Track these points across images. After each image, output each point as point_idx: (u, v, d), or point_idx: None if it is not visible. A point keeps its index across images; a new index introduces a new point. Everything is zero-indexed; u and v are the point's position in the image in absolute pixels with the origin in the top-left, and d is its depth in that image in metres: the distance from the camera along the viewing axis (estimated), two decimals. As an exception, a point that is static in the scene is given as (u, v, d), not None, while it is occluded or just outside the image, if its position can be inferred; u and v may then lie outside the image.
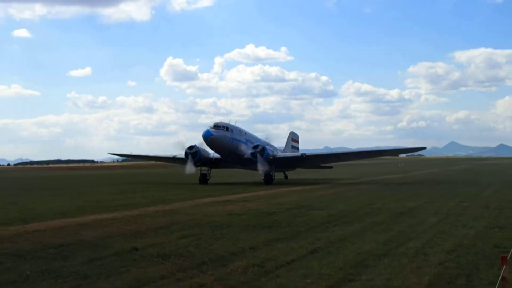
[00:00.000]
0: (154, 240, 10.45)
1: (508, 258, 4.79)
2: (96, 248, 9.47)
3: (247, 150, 32.57)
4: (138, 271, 7.25)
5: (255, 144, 33.30)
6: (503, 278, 4.56)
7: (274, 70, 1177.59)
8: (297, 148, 47.20)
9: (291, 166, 39.18)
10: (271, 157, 32.33)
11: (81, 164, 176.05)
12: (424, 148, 39.39)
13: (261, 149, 31.59)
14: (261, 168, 31.43)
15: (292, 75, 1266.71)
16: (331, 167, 48.84)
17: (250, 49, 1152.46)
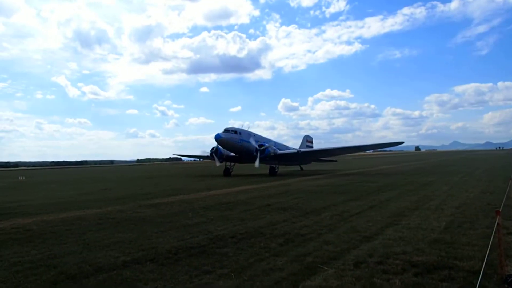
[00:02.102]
0: (278, 200, 17.22)
1: (500, 211, 6.42)
2: (246, 204, 16.04)
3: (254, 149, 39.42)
4: (271, 216, 12.69)
5: (262, 143, 39.62)
6: (497, 224, 6.13)
7: (342, 103, 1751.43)
8: (311, 148, 54.45)
9: (292, 161, 44.84)
10: (272, 154, 38.48)
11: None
12: (402, 143, 40.25)
13: (262, 148, 38.09)
14: (257, 163, 37.64)
15: (353, 105, 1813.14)
16: (335, 161, 57.15)
17: (328, 91, 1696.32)
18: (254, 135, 41.47)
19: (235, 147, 38.83)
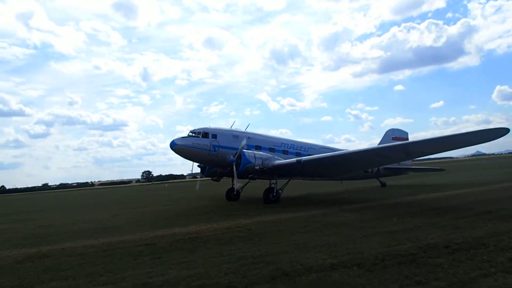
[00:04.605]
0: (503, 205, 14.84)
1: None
2: (460, 210, 14.44)
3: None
4: (494, 226, 10.86)
5: (248, 149, 22.56)
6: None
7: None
8: None
9: (298, 174, 24.00)
10: (258, 167, 21.55)
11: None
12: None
13: (236, 158, 21.67)
14: (236, 182, 23.24)
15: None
16: (438, 170, 37.67)
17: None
18: (256, 137, 24.96)
19: (203, 158, 23.47)
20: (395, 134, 33.93)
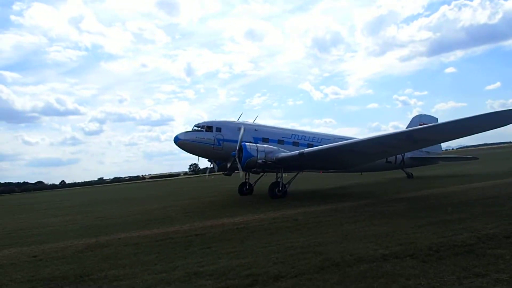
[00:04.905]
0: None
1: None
2: None
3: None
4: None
5: (251, 142, 21.40)
6: None
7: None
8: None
9: (305, 167, 23.02)
10: (261, 160, 20.15)
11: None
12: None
13: (238, 151, 20.48)
14: (240, 172, 20.86)
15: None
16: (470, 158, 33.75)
17: None
18: (263, 129, 23.77)
19: (208, 152, 23.00)
20: (422, 120, 30.20)
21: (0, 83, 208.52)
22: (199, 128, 22.40)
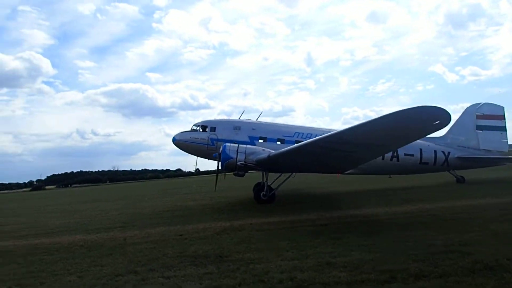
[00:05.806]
0: None
1: None
2: None
3: None
4: None
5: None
6: None
7: None
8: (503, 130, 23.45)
9: (294, 170, 19.10)
10: (240, 163, 17.62)
11: None
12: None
13: (220, 152, 18.19)
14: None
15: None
16: None
17: None
18: (262, 127, 22.48)
19: (203, 153, 22.01)
20: (482, 110, 23.53)
21: (147, 84, 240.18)
22: (195, 128, 22.19)
